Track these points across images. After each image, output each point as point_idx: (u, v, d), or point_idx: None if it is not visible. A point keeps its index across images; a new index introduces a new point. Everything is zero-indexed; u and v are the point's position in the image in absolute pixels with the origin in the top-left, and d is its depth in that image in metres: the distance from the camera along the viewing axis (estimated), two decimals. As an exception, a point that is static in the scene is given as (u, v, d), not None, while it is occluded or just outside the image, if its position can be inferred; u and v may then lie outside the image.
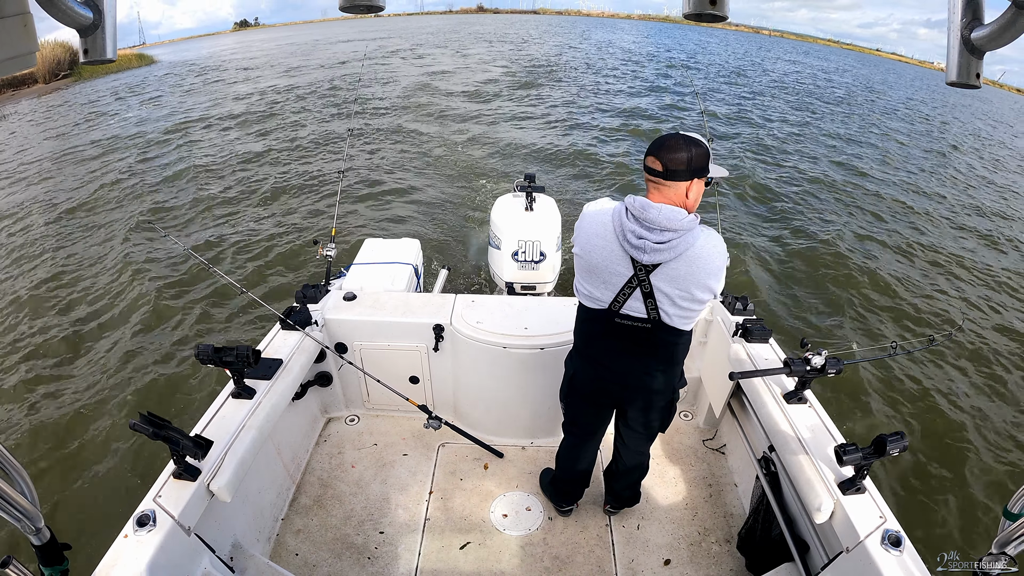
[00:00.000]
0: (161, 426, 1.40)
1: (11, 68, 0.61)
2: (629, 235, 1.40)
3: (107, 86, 20.90)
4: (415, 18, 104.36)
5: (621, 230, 1.41)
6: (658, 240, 1.37)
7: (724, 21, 0.69)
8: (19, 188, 8.27)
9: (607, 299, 1.50)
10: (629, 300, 1.47)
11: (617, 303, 1.49)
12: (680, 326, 1.49)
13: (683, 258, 1.39)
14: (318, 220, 6.61)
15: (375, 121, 11.79)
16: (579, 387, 1.75)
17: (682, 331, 1.51)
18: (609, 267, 1.46)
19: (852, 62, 50.08)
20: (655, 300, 1.45)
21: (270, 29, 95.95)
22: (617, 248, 1.44)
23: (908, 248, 6.83)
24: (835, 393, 3.92)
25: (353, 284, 2.79)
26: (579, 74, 20.37)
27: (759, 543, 1.86)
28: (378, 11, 0.67)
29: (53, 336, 4.48)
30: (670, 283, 1.42)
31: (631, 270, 1.44)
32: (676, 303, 1.45)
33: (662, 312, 1.46)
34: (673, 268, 1.41)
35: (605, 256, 1.46)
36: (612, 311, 1.51)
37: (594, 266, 1.49)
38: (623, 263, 1.44)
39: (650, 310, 1.47)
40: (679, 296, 1.43)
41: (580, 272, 1.56)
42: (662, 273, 1.42)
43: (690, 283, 1.42)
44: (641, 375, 1.62)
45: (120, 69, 26.99)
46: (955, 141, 14.71)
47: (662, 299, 1.45)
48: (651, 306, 1.46)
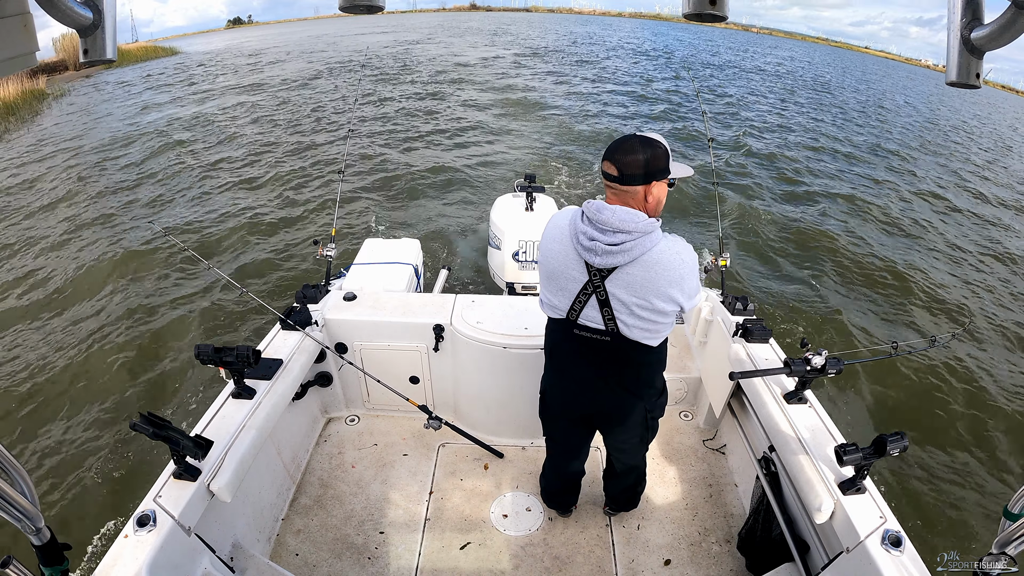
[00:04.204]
0: (161, 426, 1.40)
1: (11, 68, 0.61)
2: (581, 237, 1.35)
3: (135, 74, 22.05)
4: (408, 16, 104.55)
5: (574, 232, 1.37)
6: (610, 242, 1.32)
7: (724, 21, 0.70)
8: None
9: (564, 306, 1.46)
10: (585, 308, 1.42)
11: (574, 311, 1.44)
12: (642, 339, 1.41)
13: (639, 263, 1.33)
14: (318, 220, 6.61)
15: (375, 121, 11.80)
16: (551, 403, 1.72)
17: (647, 347, 1.44)
18: (565, 272, 1.42)
19: (823, 56, 50.31)
20: (611, 309, 1.39)
21: (263, 27, 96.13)
22: (572, 252, 1.39)
23: (909, 247, 6.83)
24: (835, 393, 3.92)
25: (353, 284, 2.79)
26: (582, 73, 20.38)
27: (759, 543, 1.86)
28: (378, 11, 0.67)
29: (52, 335, 4.48)
30: (626, 290, 1.36)
31: (585, 275, 1.39)
32: (634, 312, 1.38)
33: (620, 323, 1.40)
34: (628, 273, 1.34)
35: (561, 260, 1.42)
36: (570, 320, 1.46)
37: (552, 271, 1.45)
38: (578, 267, 1.40)
39: (607, 320, 1.41)
40: (636, 305, 1.36)
41: (540, 278, 1.54)
42: (617, 279, 1.35)
43: (648, 291, 1.35)
44: (607, 393, 1.56)
45: (148, 59, 29.19)
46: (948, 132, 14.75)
47: (619, 307, 1.38)
48: (607, 315, 1.40)
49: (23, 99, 15.26)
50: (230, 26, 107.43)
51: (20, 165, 9.30)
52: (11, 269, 5.64)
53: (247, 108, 13.67)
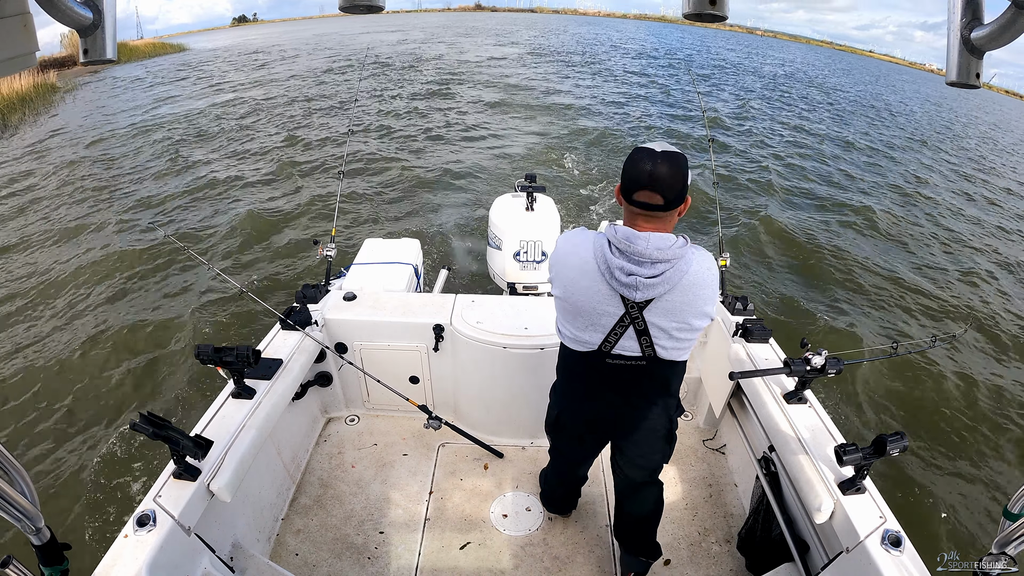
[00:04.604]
0: (161, 426, 1.40)
1: (11, 68, 0.61)
2: (617, 272, 1.24)
3: (143, 70, 22.61)
4: (413, 16, 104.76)
5: (607, 267, 1.25)
6: (650, 275, 1.23)
7: (724, 21, 0.69)
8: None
9: (596, 341, 1.36)
10: (621, 340, 1.34)
11: (608, 344, 1.35)
12: (676, 358, 1.38)
13: (678, 288, 1.26)
14: (318, 220, 6.61)
15: (376, 120, 11.80)
16: (566, 424, 1.65)
17: (677, 362, 1.40)
18: (597, 308, 1.31)
19: (825, 59, 50.34)
20: (650, 337, 1.32)
21: (269, 25, 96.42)
22: (604, 287, 1.28)
23: (910, 247, 6.83)
24: (835, 393, 3.92)
25: (353, 284, 2.78)
26: (584, 77, 20.38)
27: (759, 543, 1.86)
28: (378, 11, 0.67)
29: (52, 335, 4.48)
30: (666, 317, 1.29)
31: (622, 309, 1.29)
32: (672, 335, 1.32)
33: (658, 347, 1.34)
34: (668, 301, 1.27)
35: (591, 297, 1.30)
36: (602, 351, 1.37)
37: (579, 308, 1.34)
38: (612, 302, 1.29)
39: (644, 347, 1.34)
40: (675, 328, 1.31)
41: (563, 314, 1.40)
42: (656, 308, 1.28)
43: (686, 313, 1.30)
44: (634, 412, 1.51)
45: (156, 55, 30.42)
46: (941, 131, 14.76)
47: (658, 334, 1.32)
48: (646, 343, 1.33)
49: (36, 92, 15.70)
50: (235, 24, 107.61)
51: (21, 160, 9.30)
52: (10, 269, 5.64)
53: (248, 106, 13.67)
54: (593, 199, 7.32)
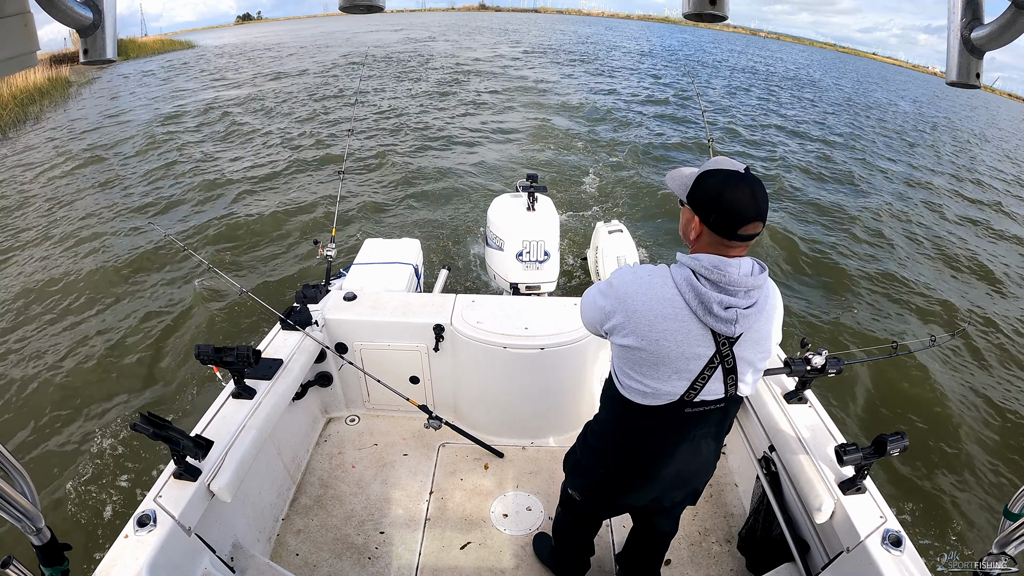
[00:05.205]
0: (161, 426, 1.40)
1: (11, 68, 0.61)
2: (715, 307, 1.07)
3: (153, 65, 23.38)
4: (418, 15, 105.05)
5: (698, 302, 1.08)
6: (748, 304, 1.09)
7: (724, 21, 0.70)
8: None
9: (679, 391, 1.15)
10: (708, 383, 1.15)
11: (693, 390, 1.15)
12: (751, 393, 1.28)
13: (763, 315, 1.14)
14: (318, 220, 6.61)
15: (377, 120, 11.80)
16: (613, 489, 1.39)
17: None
18: (685, 352, 1.12)
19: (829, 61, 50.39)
20: (736, 374, 1.16)
21: (273, 23, 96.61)
22: (696, 326, 1.10)
23: (911, 246, 6.83)
24: (835, 393, 3.92)
25: (353, 284, 2.79)
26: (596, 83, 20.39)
27: (759, 543, 1.86)
28: (378, 11, 0.67)
29: (51, 335, 4.48)
30: (753, 348, 1.15)
31: (712, 347, 1.12)
32: (756, 368, 1.19)
33: (741, 384, 1.18)
34: (756, 331, 1.14)
35: (679, 340, 1.11)
36: (683, 401, 1.16)
37: (663, 357, 1.12)
38: (703, 342, 1.11)
39: (729, 387, 1.17)
40: (760, 359, 1.18)
41: (636, 367, 1.16)
42: (746, 340, 1.14)
43: (770, 340, 1.18)
44: (702, 463, 1.34)
45: (165, 51, 31.61)
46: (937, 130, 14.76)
47: (744, 369, 1.16)
48: (731, 382, 1.16)
49: (51, 86, 16.10)
50: (239, 22, 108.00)
51: (25, 155, 9.31)
52: (10, 268, 5.64)
53: (249, 105, 13.66)
54: (594, 198, 7.32)
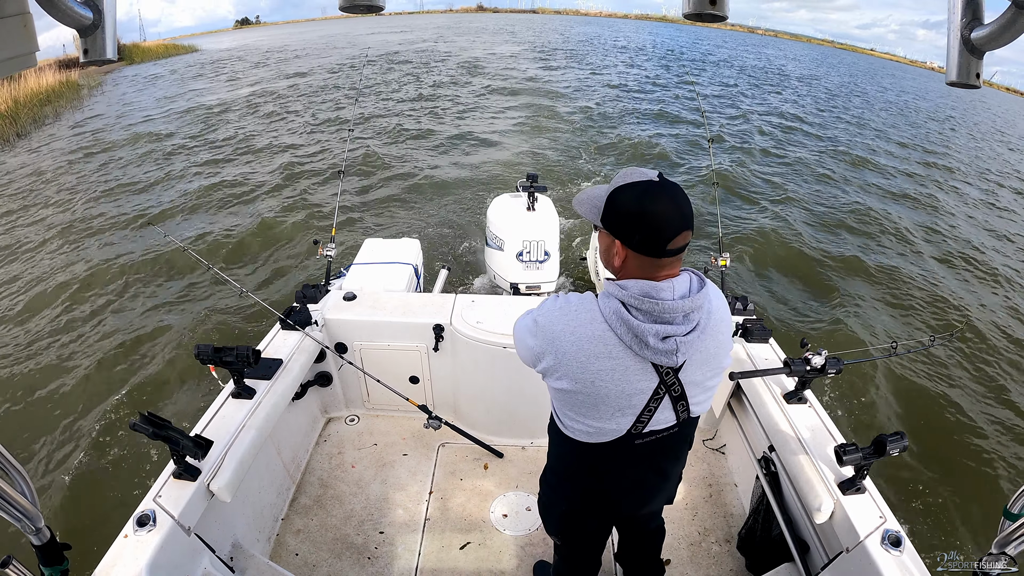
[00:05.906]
0: (161, 426, 1.40)
1: (11, 68, 0.61)
2: (651, 339, 0.97)
3: (158, 69, 23.66)
4: (416, 17, 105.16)
5: (632, 336, 0.98)
6: (688, 330, 0.99)
7: (724, 21, 0.69)
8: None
9: (624, 427, 1.08)
10: (655, 415, 1.08)
11: (640, 423, 1.08)
12: (705, 410, 1.15)
13: (707, 332, 1.02)
14: (318, 220, 6.61)
15: (377, 120, 11.80)
16: (578, 522, 1.37)
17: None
18: (624, 389, 1.03)
19: (827, 58, 50.49)
20: (686, 400, 1.08)
21: (272, 27, 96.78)
22: (632, 361, 1.01)
23: (911, 246, 6.83)
24: (835, 393, 3.92)
25: (353, 284, 2.79)
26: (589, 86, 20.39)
27: (759, 543, 1.87)
28: (378, 11, 0.67)
29: (51, 334, 4.48)
30: (701, 369, 1.06)
31: (655, 379, 1.03)
32: (706, 387, 1.10)
33: (693, 407, 1.10)
34: (702, 352, 1.04)
35: (618, 378, 1.01)
36: (631, 435, 1.10)
37: (601, 397, 1.04)
38: (644, 376, 1.02)
39: (680, 413, 1.10)
40: (709, 377, 1.09)
41: (575, 408, 1.09)
42: (692, 363, 1.04)
43: (719, 356, 1.08)
44: (667, 480, 1.30)
45: (169, 55, 32.01)
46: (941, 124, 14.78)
47: (694, 392, 1.08)
48: (682, 408, 1.09)
49: (61, 89, 16.38)
50: (238, 26, 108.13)
51: (30, 156, 9.31)
52: (10, 268, 5.64)
53: (250, 106, 13.67)
54: None
